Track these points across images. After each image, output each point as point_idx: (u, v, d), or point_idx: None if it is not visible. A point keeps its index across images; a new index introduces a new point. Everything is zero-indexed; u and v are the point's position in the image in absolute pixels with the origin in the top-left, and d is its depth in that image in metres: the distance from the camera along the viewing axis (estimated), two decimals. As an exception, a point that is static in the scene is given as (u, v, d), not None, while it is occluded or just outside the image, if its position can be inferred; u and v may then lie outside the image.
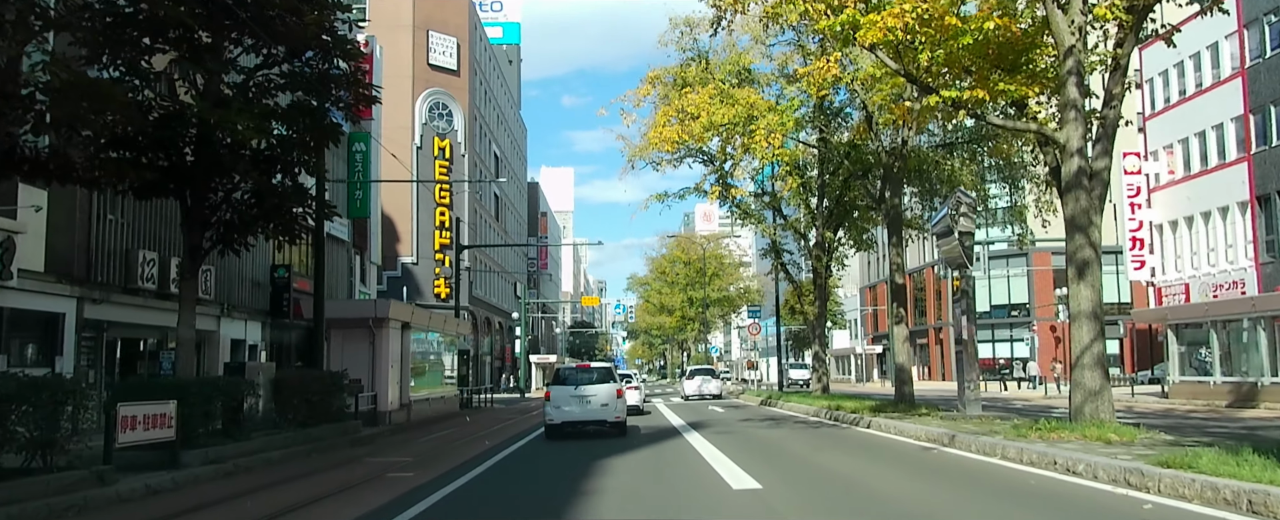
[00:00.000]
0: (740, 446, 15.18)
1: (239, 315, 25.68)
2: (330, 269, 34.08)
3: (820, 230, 29.39)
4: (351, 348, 21.30)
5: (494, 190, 73.03)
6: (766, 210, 31.53)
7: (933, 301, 69.58)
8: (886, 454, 13.26)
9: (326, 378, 17.20)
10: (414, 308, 24.87)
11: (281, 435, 14.88)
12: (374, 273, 39.77)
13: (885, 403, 21.25)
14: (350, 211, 35.74)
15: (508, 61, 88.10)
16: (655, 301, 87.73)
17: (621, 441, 16.78)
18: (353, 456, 15.32)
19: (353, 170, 35.98)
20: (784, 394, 31.63)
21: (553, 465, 13.56)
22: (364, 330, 21.30)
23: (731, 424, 20.93)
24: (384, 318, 21.24)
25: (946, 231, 16.20)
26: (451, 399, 28.97)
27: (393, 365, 21.83)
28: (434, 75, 61.93)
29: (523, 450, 15.89)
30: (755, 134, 20.75)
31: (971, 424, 15.20)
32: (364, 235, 38.03)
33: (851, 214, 30.56)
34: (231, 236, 13.79)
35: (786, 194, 29.27)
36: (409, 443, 18.44)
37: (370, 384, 21.16)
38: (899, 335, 20.74)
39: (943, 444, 13.33)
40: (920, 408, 19.72)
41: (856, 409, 20.26)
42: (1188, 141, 38.15)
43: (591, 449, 15.46)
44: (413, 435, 20.39)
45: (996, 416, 16.32)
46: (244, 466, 12.98)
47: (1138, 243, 41.05)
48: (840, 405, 21.66)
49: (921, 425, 15.17)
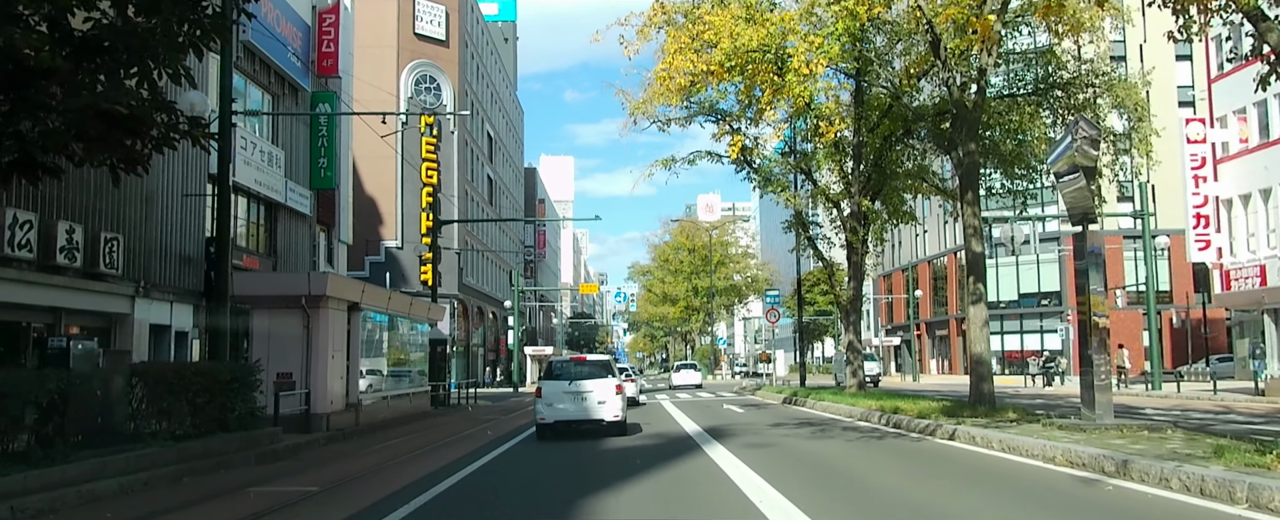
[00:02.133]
0: (790, 470, 10.70)
1: (162, 296, 21.14)
2: (288, 246, 29.55)
3: (856, 199, 24.86)
4: (282, 333, 16.78)
5: (487, 173, 68.42)
6: (793, 174, 26.96)
7: (954, 289, 65.04)
8: (1029, 492, 8.69)
9: (219, 372, 12.66)
10: (365, 285, 20.32)
11: (134, 454, 10.35)
12: (343, 253, 35.21)
13: (956, 404, 16.72)
14: (313, 181, 31.23)
15: (503, 39, 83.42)
16: (658, 291, 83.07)
17: (622, 460, 12.35)
18: (243, 482, 10.83)
19: (316, 135, 31.45)
20: (811, 391, 27.07)
21: (526, 500, 9.12)
22: (297, 312, 16.77)
23: (761, 431, 16.43)
24: (321, 295, 16.70)
25: (1071, 169, 11.68)
26: (420, 396, 24.42)
27: (334, 355, 17.30)
28: (421, 45, 57.39)
29: (490, 469, 11.44)
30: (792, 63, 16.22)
31: (1120, 437, 10.69)
32: (331, 210, 33.47)
33: (891, 180, 26.10)
34: (31, 157, 9.23)
35: (820, 151, 24.71)
36: (342, 457, 13.96)
37: (303, 379, 16.67)
38: (977, 317, 16.19)
39: (1107, 473, 8.81)
40: (1007, 410, 15.21)
41: (921, 412, 15.76)
42: (1266, 104, 33.55)
43: (582, 471, 11.06)
44: (352, 446, 15.90)
45: (1139, 426, 11.78)
46: (43, 509, 8.48)
47: (1202, 220, 36.49)
48: (897, 407, 17.14)
49: (1046, 440, 10.64)
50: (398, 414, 21.35)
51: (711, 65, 17.83)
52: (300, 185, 30.11)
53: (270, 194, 27.49)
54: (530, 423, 17.46)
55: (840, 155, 25.23)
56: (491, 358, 68.22)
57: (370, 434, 17.94)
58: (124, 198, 20.09)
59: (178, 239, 21.86)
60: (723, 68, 17.87)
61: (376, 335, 21.39)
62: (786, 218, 29.82)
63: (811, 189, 26.28)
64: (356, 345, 18.66)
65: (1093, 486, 8.40)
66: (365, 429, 18.33)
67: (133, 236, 20.21)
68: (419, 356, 25.42)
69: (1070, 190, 11.88)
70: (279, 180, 28.23)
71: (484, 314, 65.96)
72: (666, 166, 26.96)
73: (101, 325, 20.14)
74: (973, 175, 16.33)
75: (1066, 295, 56.52)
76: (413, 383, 24.31)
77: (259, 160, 26.73)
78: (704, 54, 17.36)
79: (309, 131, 31.15)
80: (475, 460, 12.69)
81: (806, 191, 26.92)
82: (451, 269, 57.10)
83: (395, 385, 22.13)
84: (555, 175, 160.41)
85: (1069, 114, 21.82)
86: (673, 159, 27.04)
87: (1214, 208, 36.27)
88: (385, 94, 55.51)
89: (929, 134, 23.90)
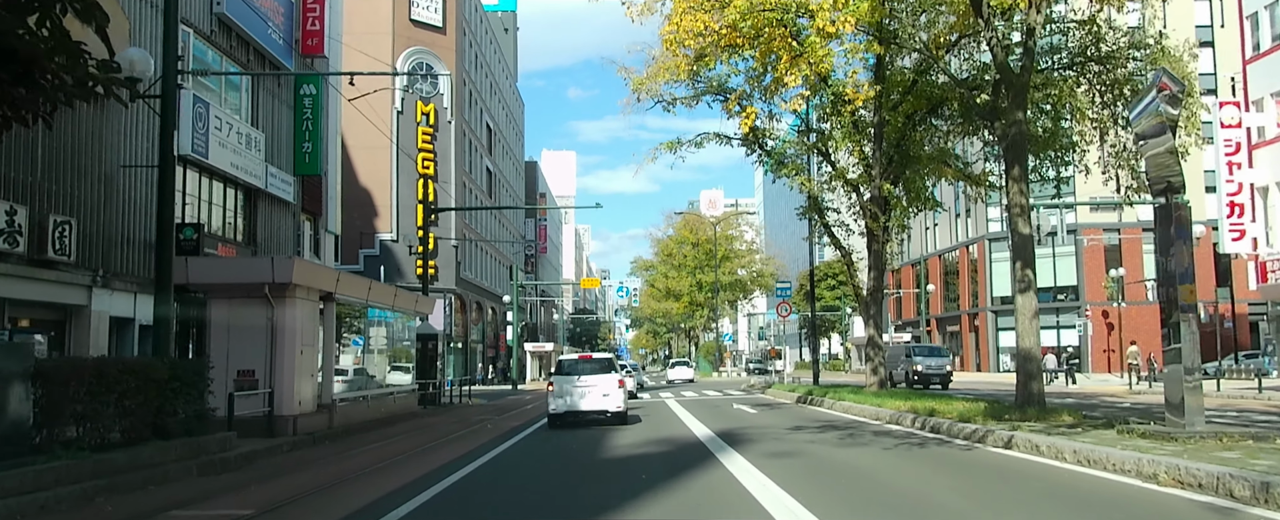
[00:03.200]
0: (826, 488, 8.85)
1: (124, 286, 19.36)
2: (269, 235, 27.70)
3: (877, 182, 22.98)
4: (243, 326, 14.95)
5: (486, 165, 66.56)
6: (808, 155, 25.07)
7: (966, 284, 63.17)
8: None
9: (153, 369, 10.80)
10: (341, 272, 18.45)
11: (33, 470, 8.52)
12: (331, 243, 33.39)
13: (998, 405, 14.84)
14: (297, 167, 29.43)
15: (504, 29, 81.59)
16: (661, 286, 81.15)
17: (625, 473, 10.53)
18: (167, 502, 9.01)
19: (300, 117, 29.64)
20: (828, 389, 25.19)
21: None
22: (260, 302, 14.93)
23: (781, 435, 14.58)
24: (287, 283, 14.83)
25: (1157, 129, 9.80)
26: (406, 395, 22.57)
27: (303, 350, 15.46)
28: (416, 32, 55.56)
29: (464, 486, 9.60)
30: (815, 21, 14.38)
31: (1224, 448, 8.83)
32: (317, 198, 31.68)
33: (913, 163, 24.26)
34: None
35: (838, 130, 22.85)
36: (302, 467, 12.13)
37: (267, 377, 14.84)
38: (1026, 308, 14.27)
39: (1240, 498, 6.94)
40: (1061, 413, 13.35)
41: (962, 415, 13.90)
42: (1308, 84, 31.61)
43: (577, 489, 9.22)
44: (320, 453, 14.06)
45: (1239, 434, 9.90)
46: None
47: (1236, 209, 34.55)
48: (932, 409, 15.26)
49: (1136, 453, 8.78)
50: (380, 415, 19.50)
51: (722, 29, 15.98)
52: (283, 171, 28.31)
53: (249, 179, 25.69)
54: (525, 424, 16.74)
55: (860, 136, 23.37)
56: (491, 354, 66.38)
57: (344, 438, 16.10)
58: (78, 178, 18.29)
59: (142, 224, 20.05)
60: (735, 31, 16.00)
61: (357, 329, 19.57)
62: (796, 207, 27.99)
63: (830, 173, 24.37)
64: (331, 339, 16.82)
65: (1231, 518, 6.53)
66: (340, 432, 16.49)
67: (89, 221, 18.41)
68: (406, 352, 23.56)
69: (1155, 153, 10.02)
70: (258, 164, 26.43)
71: (483, 309, 64.14)
72: (672, 150, 25.17)
73: (55, 318, 18.34)
74: (1020, 148, 14.42)
75: (1084, 290, 54.61)
76: (399, 381, 22.46)
77: (236, 142, 24.91)
78: (715, 14, 15.48)
79: (293, 114, 29.34)
80: (462, 468, 10.86)
81: (824, 175, 25.01)
82: (449, 262, 55.29)
83: (378, 384, 20.26)
84: (557, 170, 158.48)
85: (1108, 91, 20.00)
86: (678, 141, 25.25)
87: (1249, 196, 34.34)
88: (380, 82, 53.64)
89: (959, 111, 22.06)
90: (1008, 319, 59.00)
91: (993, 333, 59.56)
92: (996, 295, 59.22)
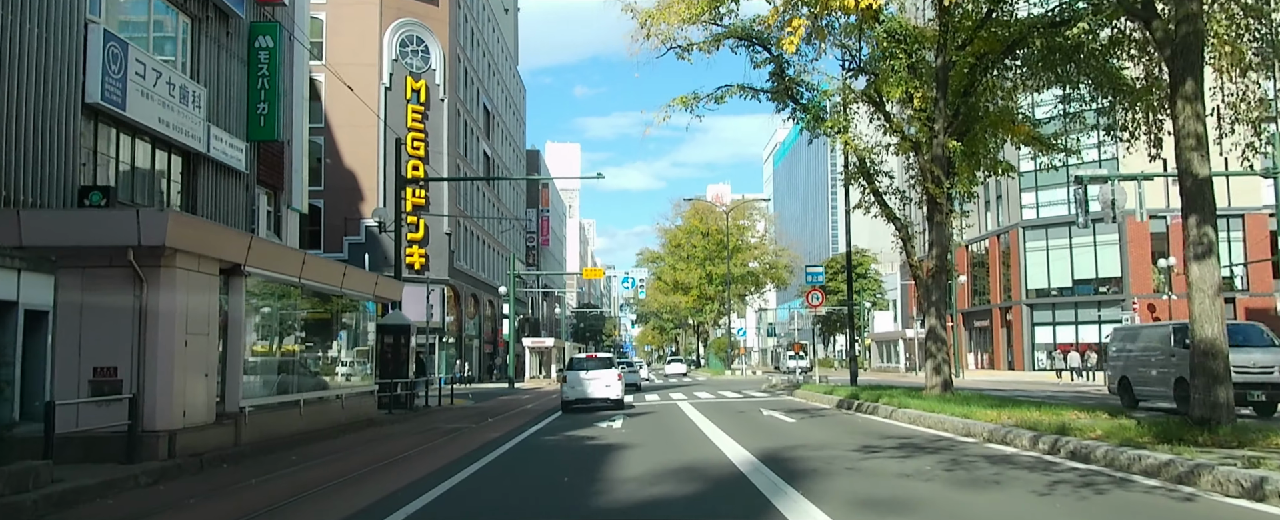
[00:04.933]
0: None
1: (6, 263, 15.13)
2: (213, 207, 23.38)
3: (941, 138, 18.67)
4: (101, 306, 10.68)
5: (484, 149, 62.31)
6: (858, 105, 20.71)
7: (997, 276, 58.77)
8: None
9: None
10: (254, 237, 14.17)
11: None
12: (295, 221, 29.15)
13: (1152, 422, 10.52)
14: (251, 132, 25.26)
15: (504, 10, 77.26)
16: (668, 279, 76.76)
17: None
18: None
19: (255, 74, 25.46)
20: (882, 392, 20.79)
21: None
22: (124, 273, 10.67)
23: (854, 463, 10.25)
24: (159, 246, 10.54)
25: None
26: (359, 398, 18.26)
27: (188, 340, 11.17)
28: (406, 2, 51.38)
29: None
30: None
31: None
32: (278, 170, 27.43)
33: (980, 119, 20.01)
34: None
35: (893, 76, 18.55)
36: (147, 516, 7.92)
37: (132, 377, 10.59)
38: (1206, 280, 9.76)
39: None
40: (1272, 434, 9.06)
41: (1107, 433, 9.61)
42: None
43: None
44: (195, 486, 9.76)
45: None
46: None
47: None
48: (1063, 425, 10.93)
49: None
50: (319, 425, 15.21)
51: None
52: (232, 135, 24.12)
53: (185, 140, 21.55)
54: (506, 436, 12.90)
55: (919, 83, 19.05)
56: (489, 349, 62.13)
57: (252, 459, 11.82)
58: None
59: (35, 188, 15.82)
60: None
61: (283, 314, 15.25)
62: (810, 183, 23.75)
63: (884, 126, 20.04)
64: (239, 326, 12.53)
65: None
66: (248, 450, 12.20)
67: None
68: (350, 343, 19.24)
69: None
70: (199, 124, 22.28)
71: (479, 302, 59.91)
72: (687, 106, 20.98)
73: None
74: (1193, 54, 10.08)
75: (1129, 281, 50.23)
76: (348, 381, 18.16)
77: (165, 94, 20.71)
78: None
79: (245, 70, 25.11)
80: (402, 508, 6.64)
81: (876, 128, 20.63)
82: (441, 251, 51.12)
83: (314, 385, 15.94)
84: (561, 163, 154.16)
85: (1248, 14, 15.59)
86: (695, 96, 21.04)
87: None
88: (366, 56, 49.54)
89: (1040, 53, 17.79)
90: (1044, 313, 54.64)
91: (1027, 328, 55.25)
92: (1031, 288, 54.89)
